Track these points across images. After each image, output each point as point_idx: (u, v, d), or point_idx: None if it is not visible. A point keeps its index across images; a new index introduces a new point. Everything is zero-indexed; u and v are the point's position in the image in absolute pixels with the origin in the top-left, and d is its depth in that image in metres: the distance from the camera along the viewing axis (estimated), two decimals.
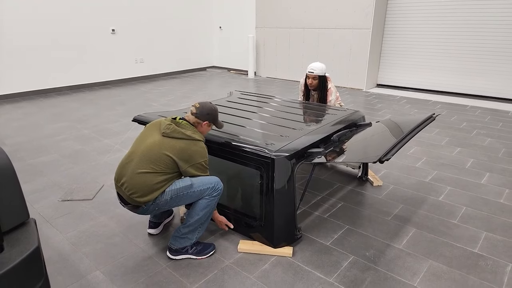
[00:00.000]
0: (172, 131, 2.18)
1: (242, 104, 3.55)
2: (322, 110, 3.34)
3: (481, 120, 5.39)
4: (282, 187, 2.34)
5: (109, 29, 7.98)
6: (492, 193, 3.18)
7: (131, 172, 2.14)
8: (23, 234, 1.47)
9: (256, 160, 2.36)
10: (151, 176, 2.12)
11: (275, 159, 2.28)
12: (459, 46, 6.77)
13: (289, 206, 2.42)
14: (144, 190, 2.12)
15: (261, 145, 2.40)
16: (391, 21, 7.49)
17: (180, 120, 2.29)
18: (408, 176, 3.53)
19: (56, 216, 2.90)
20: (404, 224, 2.73)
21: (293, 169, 2.37)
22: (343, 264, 2.30)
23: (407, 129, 2.48)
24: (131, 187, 2.13)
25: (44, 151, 4.23)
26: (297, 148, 2.40)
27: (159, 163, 2.13)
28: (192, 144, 2.19)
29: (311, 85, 3.71)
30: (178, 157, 2.15)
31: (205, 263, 2.34)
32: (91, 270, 2.28)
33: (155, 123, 2.31)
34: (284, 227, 2.45)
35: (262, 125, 2.86)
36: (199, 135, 2.26)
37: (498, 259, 2.33)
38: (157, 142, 2.17)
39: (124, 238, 2.61)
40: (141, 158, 2.15)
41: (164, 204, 2.20)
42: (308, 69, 3.67)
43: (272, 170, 2.29)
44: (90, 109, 6.17)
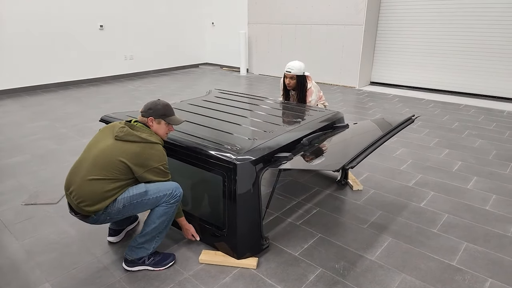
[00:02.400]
0: (125, 134, 2.02)
1: (216, 103, 3.39)
2: (299, 111, 3.18)
3: (474, 120, 5.20)
4: (245, 194, 2.18)
5: (97, 25, 7.81)
6: (478, 199, 3.01)
7: (80, 179, 1.97)
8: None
9: (218, 165, 2.20)
10: (102, 183, 1.96)
11: (238, 164, 2.12)
12: (454, 43, 6.57)
13: (253, 214, 2.26)
14: (94, 199, 1.95)
15: (224, 149, 2.24)
16: (385, 17, 7.28)
17: (135, 123, 2.15)
18: (391, 180, 3.35)
19: (16, 221, 2.75)
20: (380, 233, 2.56)
21: (258, 175, 2.20)
22: (309, 278, 2.14)
23: (383, 131, 2.32)
24: (79, 195, 1.96)
25: (18, 151, 4.09)
26: (263, 153, 2.23)
27: (111, 169, 1.97)
28: (147, 148, 2.03)
29: (289, 85, 3.56)
30: (133, 162, 1.99)
31: (162, 275, 2.18)
32: (41, 282, 2.13)
33: (108, 126, 2.15)
34: (248, 237, 2.28)
35: (231, 127, 2.70)
36: (155, 138, 2.10)
37: (477, 274, 2.16)
38: (109, 146, 2.01)
39: (82, 247, 2.45)
40: (92, 164, 1.99)
41: (116, 213, 2.03)
42: (286, 68, 3.51)
43: (235, 176, 2.13)
44: (73, 107, 6.02)
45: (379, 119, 2.87)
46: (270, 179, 3.43)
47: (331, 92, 7.15)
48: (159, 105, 2.16)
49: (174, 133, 2.50)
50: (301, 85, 3.53)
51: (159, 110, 2.15)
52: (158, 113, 2.15)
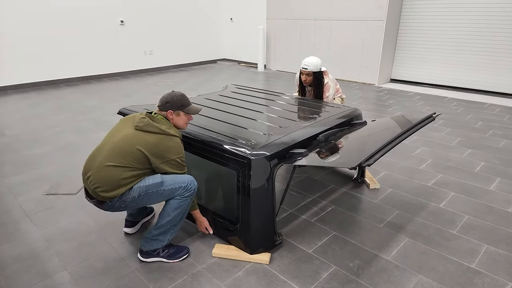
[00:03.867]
0: (145, 124, 2.05)
1: (232, 98, 3.39)
2: (315, 107, 3.14)
3: (499, 120, 5.02)
4: (259, 189, 2.17)
5: (118, 20, 7.93)
6: (500, 201, 2.90)
7: (98, 165, 2.01)
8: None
9: (233, 160, 2.19)
10: (119, 170, 1.99)
11: (252, 159, 2.11)
12: (478, 40, 6.35)
13: (267, 209, 2.25)
14: (110, 185, 1.98)
15: (239, 144, 2.23)
16: (407, 13, 7.11)
17: (155, 114, 2.17)
18: (410, 179, 3.28)
19: (37, 210, 2.83)
20: (396, 233, 2.51)
21: (273, 171, 2.19)
22: (322, 275, 2.12)
23: (402, 129, 2.26)
24: (96, 180, 1.99)
25: (40, 143, 4.20)
26: (278, 149, 2.21)
27: (129, 158, 2.00)
28: (166, 139, 2.06)
29: (305, 82, 3.51)
30: (150, 152, 2.02)
31: (176, 267, 2.21)
32: (59, 270, 2.19)
33: (129, 117, 2.19)
34: (261, 232, 2.28)
35: (247, 122, 2.69)
36: (174, 130, 2.12)
37: (496, 277, 2.09)
38: (129, 135, 2.04)
39: (99, 237, 2.50)
40: (111, 151, 2.02)
41: (131, 201, 2.06)
42: (302, 65, 3.45)
43: (249, 171, 2.12)
44: (94, 100, 6.14)
45: (399, 116, 2.80)
46: (285, 175, 3.41)
47: (350, 89, 7.04)
48: (175, 97, 2.17)
49: (190, 127, 2.51)
50: (318, 82, 3.48)
51: (176, 102, 2.16)
52: (176, 105, 2.16)
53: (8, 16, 6.42)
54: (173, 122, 2.19)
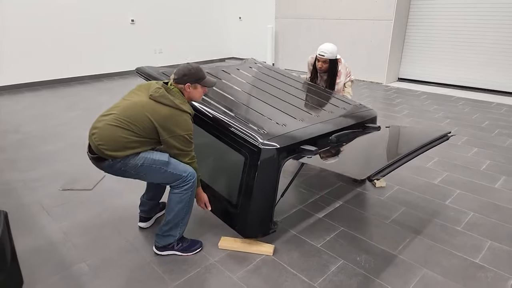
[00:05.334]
0: (160, 95, 2.05)
1: (249, 76, 3.32)
2: (332, 101, 3.11)
3: (506, 119, 5.05)
4: (264, 179, 2.21)
5: (129, 20, 8.04)
6: (505, 199, 2.96)
7: (105, 124, 2.03)
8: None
9: (243, 146, 2.22)
10: (125, 133, 2.00)
11: (262, 149, 2.14)
12: (485, 38, 6.35)
13: (268, 199, 2.29)
14: (114, 145, 2.00)
15: (252, 130, 2.25)
16: (415, 12, 7.13)
17: (171, 86, 2.16)
18: (416, 177, 3.34)
19: (53, 205, 2.94)
20: (403, 229, 2.58)
21: (281, 163, 2.23)
22: (331, 268, 2.20)
23: (415, 145, 2.21)
24: (101, 137, 2.00)
25: (53, 140, 4.32)
26: (289, 142, 2.25)
27: (137, 123, 2.01)
28: (177, 114, 2.05)
29: (321, 69, 3.49)
30: (160, 124, 2.02)
31: (190, 259, 2.30)
32: (77, 262, 2.29)
33: (145, 84, 2.20)
34: (259, 219, 2.33)
35: (262, 106, 2.69)
36: (187, 107, 2.12)
37: (500, 272, 2.15)
38: (142, 102, 2.05)
39: (114, 230, 2.60)
40: (121, 113, 2.04)
41: (132, 167, 2.07)
42: (319, 52, 3.43)
43: (257, 160, 2.15)
44: (105, 98, 6.26)
45: (413, 128, 2.79)
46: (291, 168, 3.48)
47: (358, 87, 7.09)
48: (192, 70, 2.15)
49: (204, 102, 2.52)
50: (333, 69, 3.47)
51: (193, 75, 2.15)
52: (193, 78, 2.15)
53: (21, 15, 6.56)
54: (189, 95, 2.19)
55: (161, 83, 2.16)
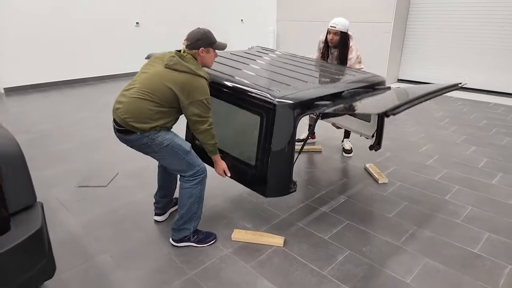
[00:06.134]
0: (175, 63, 2.10)
1: (258, 56, 3.41)
2: (341, 69, 3.19)
3: (502, 118, 5.21)
4: (281, 136, 2.23)
5: (134, 22, 8.19)
6: (502, 194, 3.11)
7: (129, 97, 2.12)
8: (28, 216, 1.61)
9: (257, 105, 2.24)
10: (149, 104, 2.09)
11: (277, 104, 2.15)
12: (482, 41, 6.52)
13: (286, 157, 2.31)
14: (139, 117, 2.09)
15: (264, 90, 2.29)
16: (414, 14, 7.29)
17: (185, 54, 2.20)
18: (417, 174, 3.49)
19: (71, 201, 3.08)
20: (405, 222, 2.73)
21: (296, 120, 2.24)
22: (338, 258, 2.35)
23: (428, 90, 2.28)
24: (126, 111, 2.09)
25: (66, 139, 4.45)
26: (303, 98, 2.26)
27: (158, 93, 2.08)
28: (194, 79, 2.10)
29: (332, 41, 3.49)
30: (179, 91, 2.08)
31: (205, 251, 2.44)
32: (100, 253, 2.43)
33: (159, 55, 2.25)
34: (278, 179, 2.35)
35: (273, 75, 2.73)
36: (203, 72, 2.16)
37: (497, 260, 2.31)
38: (159, 72, 2.12)
39: (132, 224, 2.75)
40: (142, 86, 2.11)
41: (157, 145, 2.16)
42: (330, 24, 3.45)
43: (273, 117, 2.17)
44: (112, 99, 6.39)
45: (422, 85, 2.83)
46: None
47: None
48: (205, 34, 2.18)
49: (215, 73, 2.55)
50: (344, 43, 3.47)
51: (206, 39, 2.18)
52: (206, 42, 2.19)
53: (27, 18, 6.69)
54: (203, 60, 2.22)
55: (174, 51, 2.21)
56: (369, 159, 3.81)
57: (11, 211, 1.56)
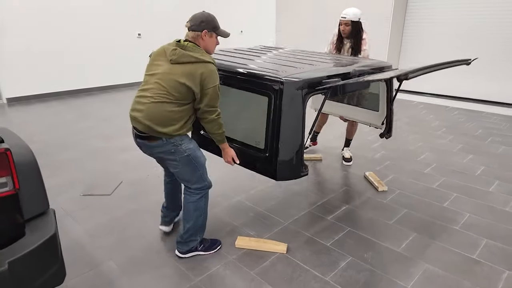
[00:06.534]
0: (179, 56, 2.05)
1: (263, 50, 3.44)
2: (348, 58, 3.21)
3: (498, 127, 5.31)
4: (290, 115, 2.19)
5: (135, 34, 8.31)
6: (499, 201, 3.18)
7: (147, 103, 2.08)
8: (42, 222, 1.66)
9: (264, 85, 2.20)
10: (168, 106, 2.06)
11: (285, 82, 2.11)
12: (478, 51, 6.66)
13: (296, 137, 2.26)
14: (163, 120, 2.06)
15: (271, 71, 2.27)
16: (409, 27, 7.45)
17: (185, 42, 2.13)
18: (416, 182, 3.56)
19: (76, 209, 3.12)
20: (405, 229, 2.79)
21: (305, 98, 2.20)
22: (340, 264, 2.40)
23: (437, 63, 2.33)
24: (148, 117, 2.07)
25: (69, 148, 4.50)
26: (311, 76, 2.24)
27: (173, 92, 2.04)
28: (202, 67, 2.04)
29: (344, 32, 3.49)
30: (191, 82, 2.03)
31: (210, 257, 2.48)
32: (105, 260, 2.47)
33: (160, 51, 2.17)
34: (289, 161, 2.30)
35: (279, 61, 2.73)
36: (209, 57, 2.10)
37: (495, 266, 2.36)
38: (166, 70, 2.07)
39: (137, 232, 2.79)
40: (156, 89, 2.07)
41: (180, 152, 2.16)
42: (341, 15, 3.46)
43: (281, 96, 2.13)
44: (114, 109, 6.47)
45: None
46: None
47: None
48: (209, 17, 2.13)
49: (220, 61, 2.54)
50: (356, 32, 3.46)
51: (211, 22, 2.13)
52: (210, 25, 2.13)
53: (30, 29, 6.79)
54: (204, 44, 2.15)
55: (174, 42, 2.13)
56: (369, 168, 3.87)
57: (25, 218, 1.61)
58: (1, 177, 1.42)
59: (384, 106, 3.23)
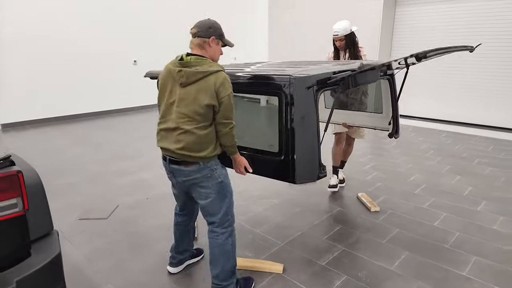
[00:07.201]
0: (187, 77, 1.96)
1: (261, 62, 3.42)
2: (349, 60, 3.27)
3: (484, 150, 5.50)
4: (303, 114, 2.14)
5: (132, 60, 8.52)
6: (487, 220, 3.29)
7: (176, 134, 2.01)
8: (47, 242, 1.72)
9: (273, 85, 2.15)
10: (199, 130, 1.99)
11: (296, 78, 2.07)
12: (464, 77, 6.96)
13: (311, 136, 2.20)
14: (197, 146, 2.00)
15: (279, 72, 2.24)
16: (395, 51, 7.76)
17: (187, 58, 2.03)
18: (407, 202, 3.66)
19: (73, 234, 3.14)
20: (397, 247, 2.86)
21: (316, 95, 2.16)
22: (335, 283, 2.45)
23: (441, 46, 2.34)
24: (183, 145, 2.00)
25: (65, 173, 4.54)
26: (319, 73, 2.21)
27: (196, 116, 1.97)
28: (213, 78, 1.96)
29: (340, 47, 3.61)
30: (208, 97, 1.94)
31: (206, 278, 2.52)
32: (103, 283, 2.49)
33: (165, 76, 2.07)
34: (306, 161, 2.22)
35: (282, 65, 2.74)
36: (216, 66, 2.01)
37: (485, 283, 2.44)
38: (181, 96, 1.99)
39: (134, 255, 2.82)
40: (179, 118, 1.99)
41: (215, 178, 2.10)
42: (333, 33, 3.54)
43: (292, 94, 2.08)
44: (108, 134, 6.54)
45: None
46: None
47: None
48: (216, 24, 2.06)
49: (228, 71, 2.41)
50: (352, 41, 3.54)
51: (218, 30, 2.06)
52: (217, 33, 2.05)
53: (24, 55, 6.94)
54: (211, 51, 2.07)
55: (176, 62, 2.02)
56: (361, 189, 3.98)
57: (32, 238, 1.66)
58: (12, 198, 1.48)
59: (388, 107, 3.26)
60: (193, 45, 2.06)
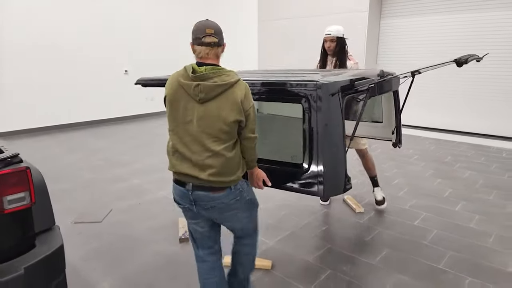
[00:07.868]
0: (207, 92, 1.71)
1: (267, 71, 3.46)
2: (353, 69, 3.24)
3: (465, 155, 5.74)
4: (330, 122, 2.00)
5: (123, 70, 8.68)
6: (464, 219, 3.48)
7: (202, 158, 1.77)
8: (50, 235, 1.86)
9: (297, 92, 1.99)
10: (226, 150, 1.78)
11: (323, 84, 1.93)
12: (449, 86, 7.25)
13: (338, 145, 2.04)
14: (227, 170, 1.80)
15: (300, 79, 2.10)
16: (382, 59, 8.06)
17: (202, 69, 1.75)
18: (390, 204, 3.84)
19: (69, 236, 3.24)
20: (379, 245, 3.03)
21: (342, 102, 2.01)
22: (321, 277, 2.61)
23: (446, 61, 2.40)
24: (214, 171, 1.77)
25: (59, 180, 4.63)
26: (342, 79, 2.07)
27: (221, 134, 1.76)
28: (236, 89, 1.75)
29: (329, 49, 3.48)
30: (235, 112, 1.74)
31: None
32: (99, 281, 2.61)
33: (176, 91, 1.78)
34: (333, 173, 2.07)
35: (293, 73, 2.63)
36: (233, 73, 1.80)
37: (459, 274, 2.62)
38: (201, 114, 1.74)
39: (128, 256, 2.94)
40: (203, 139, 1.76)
41: (243, 198, 1.92)
42: (325, 32, 3.48)
43: (319, 100, 1.94)
44: (103, 142, 6.66)
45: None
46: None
47: None
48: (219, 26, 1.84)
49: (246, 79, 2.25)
50: (341, 48, 3.48)
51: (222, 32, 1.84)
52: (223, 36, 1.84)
53: (18, 64, 7.07)
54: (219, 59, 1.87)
55: (188, 75, 1.74)
56: (347, 192, 4.13)
57: (36, 231, 1.79)
58: (21, 192, 1.62)
59: (389, 116, 3.27)
60: (211, 54, 1.80)
